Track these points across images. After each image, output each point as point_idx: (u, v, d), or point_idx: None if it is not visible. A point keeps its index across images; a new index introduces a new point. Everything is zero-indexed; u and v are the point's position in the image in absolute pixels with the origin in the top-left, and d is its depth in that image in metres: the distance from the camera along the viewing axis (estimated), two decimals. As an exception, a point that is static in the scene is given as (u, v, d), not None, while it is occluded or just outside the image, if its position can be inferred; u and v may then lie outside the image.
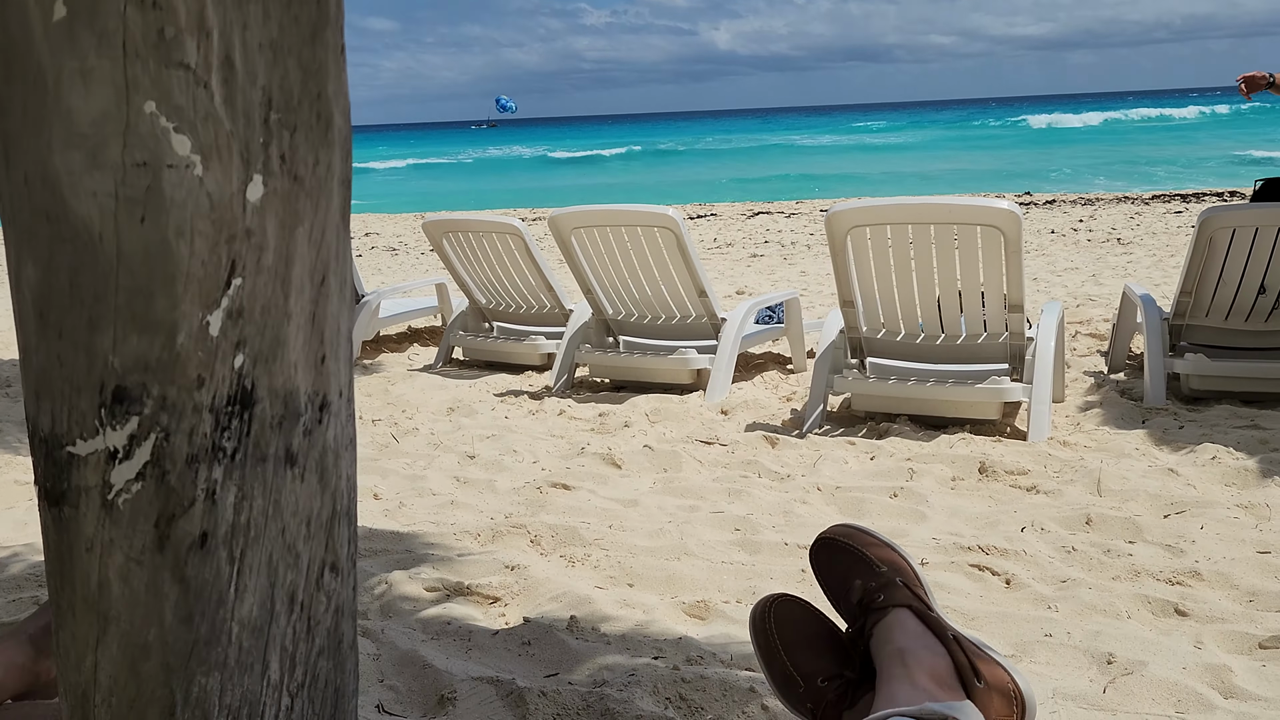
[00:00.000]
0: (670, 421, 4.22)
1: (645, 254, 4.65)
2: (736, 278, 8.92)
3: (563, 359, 5.01)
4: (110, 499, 0.82)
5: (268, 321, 0.85)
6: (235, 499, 0.85)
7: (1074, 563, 2.57)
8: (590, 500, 3.20)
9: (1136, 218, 12.30)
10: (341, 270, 0.93)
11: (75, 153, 0.77)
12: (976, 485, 3.23)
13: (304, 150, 0.86)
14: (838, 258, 3.89)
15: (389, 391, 4.96)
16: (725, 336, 4.68)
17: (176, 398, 0.81)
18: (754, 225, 13.99)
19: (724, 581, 2.54)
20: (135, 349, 0.80)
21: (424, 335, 6.61)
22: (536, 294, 5.41)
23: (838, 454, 3.61)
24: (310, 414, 0.90)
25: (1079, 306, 6.45)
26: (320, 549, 0.93)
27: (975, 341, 3.94)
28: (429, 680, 2.05)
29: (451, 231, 5.39)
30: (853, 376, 4.07)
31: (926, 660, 1.29)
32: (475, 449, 3.87)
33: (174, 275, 0.79)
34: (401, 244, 13.41)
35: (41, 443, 0.83)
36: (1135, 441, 3.56)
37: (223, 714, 0.87)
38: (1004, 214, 3.57)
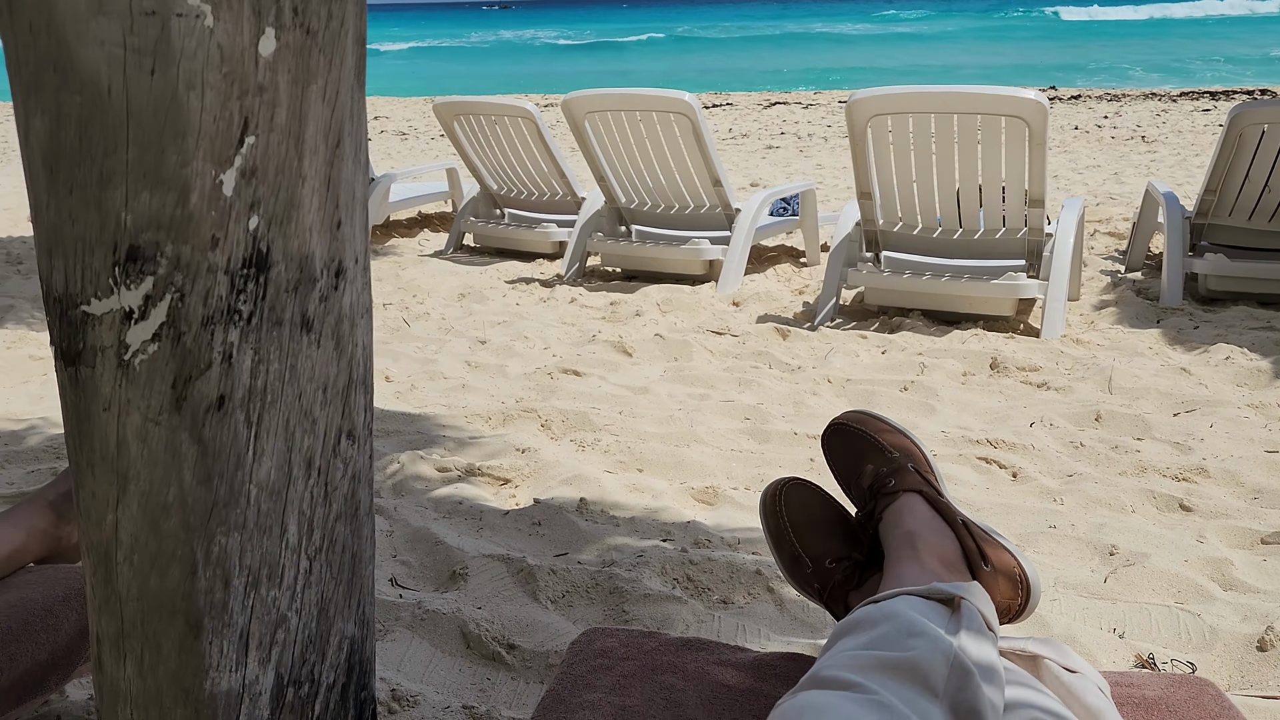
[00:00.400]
0: (681, 311, 4.20)
1: (660, 140, 4.56)
2: (751, 170, 8.78)
3: (574, 247, 4.97)
4: (127, 360, 0.81)
5: (282, 183, 0.83)
6: (252, 363, 0.84)
7: (1081, 458, 2.58)
8: (601, 387, 3.21)
9: (1163, 115, 12.00)
10: (356, 133, 0.90)
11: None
12: (987, 381, 3.23)
13: (317, 3, 0.82)
14: (857, 147, 3.81)
15: (400, 276, 4.95)
16: (739, 227, 4.63)
17: (191, 258, 0.80)
18: (770, 116, 13.71)
19: (732, 469, 2.57)
20: (148, 206, 0.78)
21: (434, 221, 6.55)
22: (549, 180, 5.34)
23: (849, 347, 3.61)
24: (326, 279, 0.89)
25: (1099, 205, 6.35)
26: (337, 416, 0.93)
27: (993, 236, 3.88)
28: (441, 557, 2.09)
29: (463, 114, 5.29)
30: (867, 270, 4.03)
31: (935, 543, 1.30)
32: (486, 334, 3.88)
33: (185, 130, 0.77)
34: (411, 128, 13.20)
35: (56, 302, 0.82)
36: (1149, 340, 3.55)
37: (243, 574, 0.88)
38: (1029, 104, 3.48)
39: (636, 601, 1.88)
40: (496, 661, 1.73)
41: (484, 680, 1.68)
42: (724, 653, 1.34)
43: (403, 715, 1.55)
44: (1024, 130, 3.52)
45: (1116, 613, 1.83)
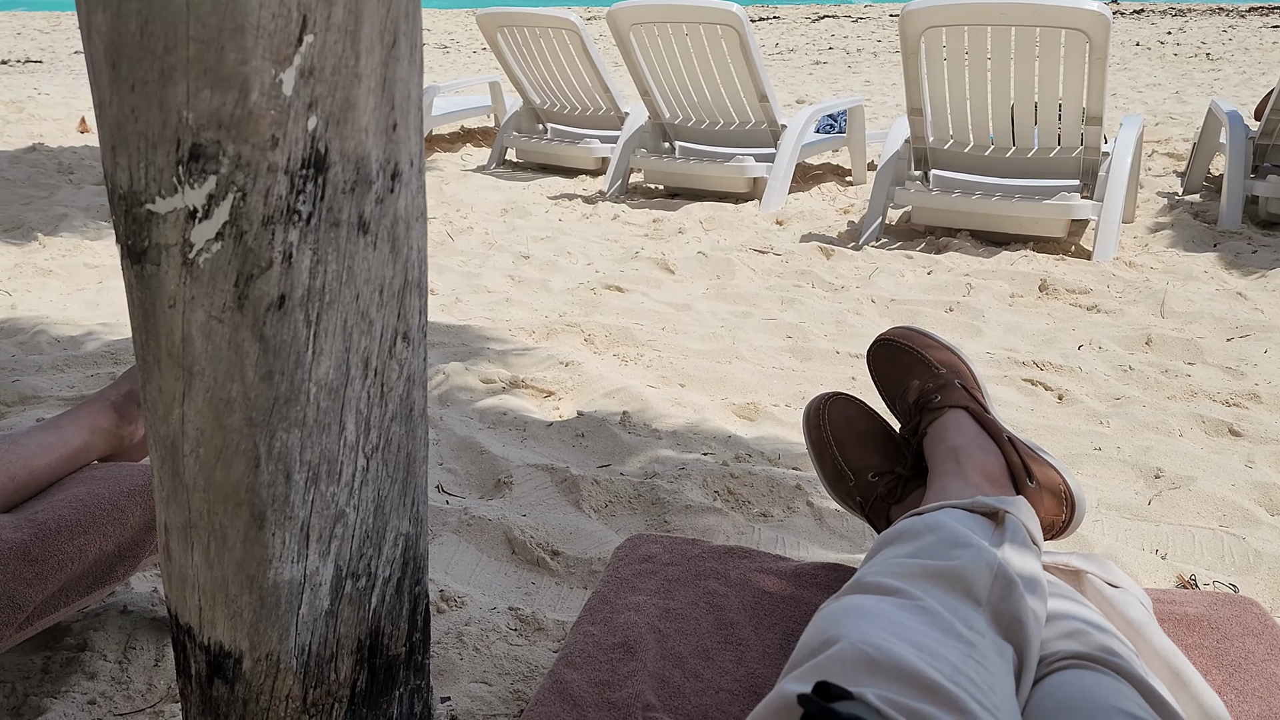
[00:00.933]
0: (724, 229, 4.17)
1: (706, 54, 4.48)
2: (797, 86, 8.60)
3: (617, 163, 4.93)
4: (191, 258, 0.83)
5: (338, 82, 0.83)
6: (311, 263, 0.86)
7: (1130, 381, 2.56)
8: (643, 303, 3.22)
9: (1230, 31, 11.54)
10: (412, 32, 0.90)
11: (139, -111, 0.73)
12: (1036, 302, 3.19)
13: (373, -103, 0.81)
14: (909, 60, 3.71)
15: (443, 191, 4.94)
16: (784, 144, 4.56)
17: (251, 157, 0.80)
18: (818, 30, 13.36)
19: (774, 385, 2.57)
20: (209, 104, 0.78)
21: (477, 135, 6.52)
22: (592, 95, 5.27)
23: (894, 267, 3.57)
24: (382, 181, 0.89)
25: (1158, 125, 6.16)
26: (393, 317, 0.95)
27: (1047, 155, 3.79)
28: (486, 465, 2.13)
29: (506, 26, 5.21)
30: (915, 188, 3.96)
31: (980, 458, 1.31)
32: (529, 249, 3.88)
33: (243, 27, 0.77)
34: (453, 41, 13.04)
35: (120, 200, 0.84)
36: (1204, 264, 3.47)
37: (303, 469, 0.91)
38: (1092, 15, 3.36)
39: (678, 512, 1.91)
40: (540, 566, 1.77)
41: (529, 584, 1.73)
42: (765, 561, 1.36)
43: (451, 614, 1.60)
44: (1084, 44, 3.41)
45: (1159, 534, 1.83)
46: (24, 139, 6.23)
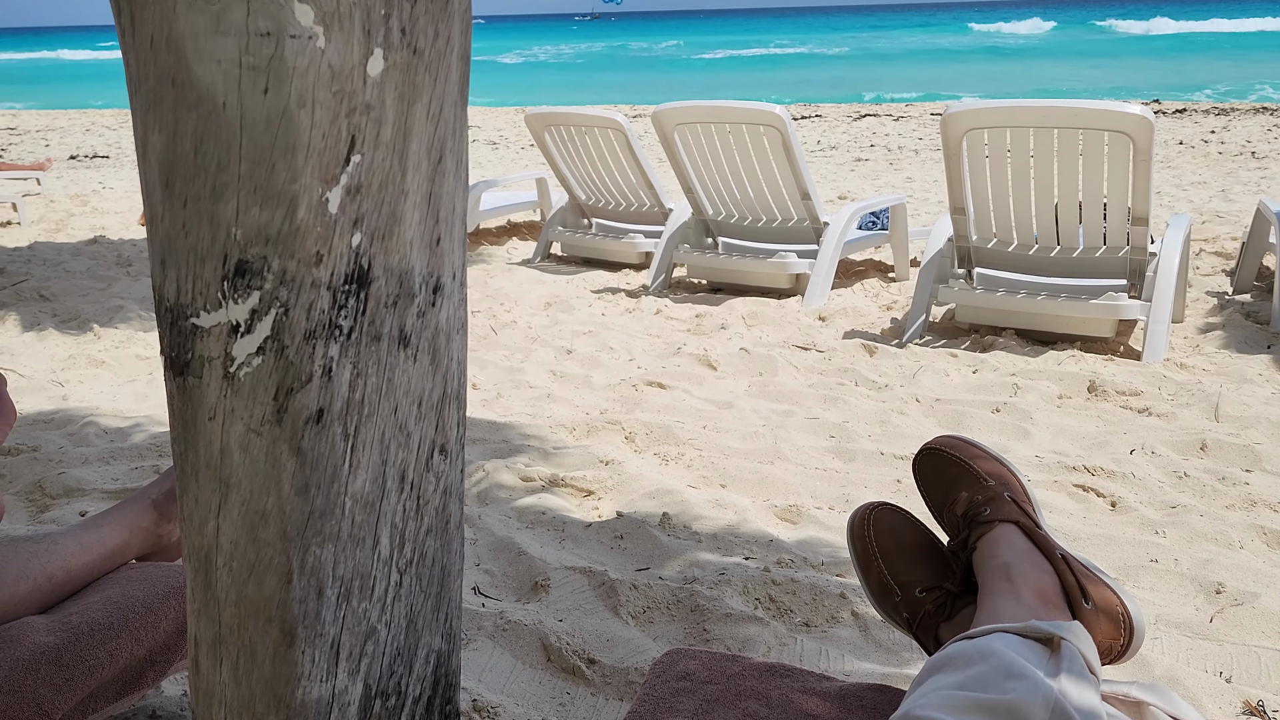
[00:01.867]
0: (767, 325, 4.17)
1: (749, 153, 4.54)
2: (840, 182, 8.69)
3: (661, 258, 4.97)
4: (232, 371, 0.83)
5: (385, 198, 0.84)
6: (351, 376, 0.85)
7: (1185, 488, 2.48)
8: (685, 400, 3.20)
9: (1275, 130, 11.52)
10: (458, 148, 0.91)
11: (199, 16, 0.76)
12: (1085, 404, 3.13)
13: (424, 22, 0.83)
14: (952, 161, 3.73)
15: (488, 284, 5.01)
16: (827, 241, 4.58)
17: (296, 272, 0.81)
18: (860, 128, 13.55)
19: (817, 487, 2.53)
20: (257, 220, 0.79)
21: (523, 229, 6.63)
22: (636, 191, 5.36)
23: (938, 365, 3.53)
24: (424, 295, 0.89)
25: (1205, 223, 6.11)
26: (431, 430, 0.94)
27: (1093, 255, 3.76)
28: (523, 567, 2.10)
29: (554, 125, 5.34)
30: (959, 286, 3.94)
31: (1033, 577, 1.26)
32: (572, 344, 3.90)
33: (295, 146, 0.78)
34: (502, 137, 13.40)
35: (167, 312, 0.85)
36: (1259, 367, 3.39)
37: (336, 585, 0.89)
38: (1135, 119, 3.36)
39: (718, 620, 1.86)
40: (576, 675, 1.72)
41: (564, 694, 1.68)
42: (809, 680, 1.31)
43: (483, 725, 1.56)
44: (1128, 146, 3.40)
45: (1223, 655, 1.74)
46: (86, 231, 6.45)
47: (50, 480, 2.47)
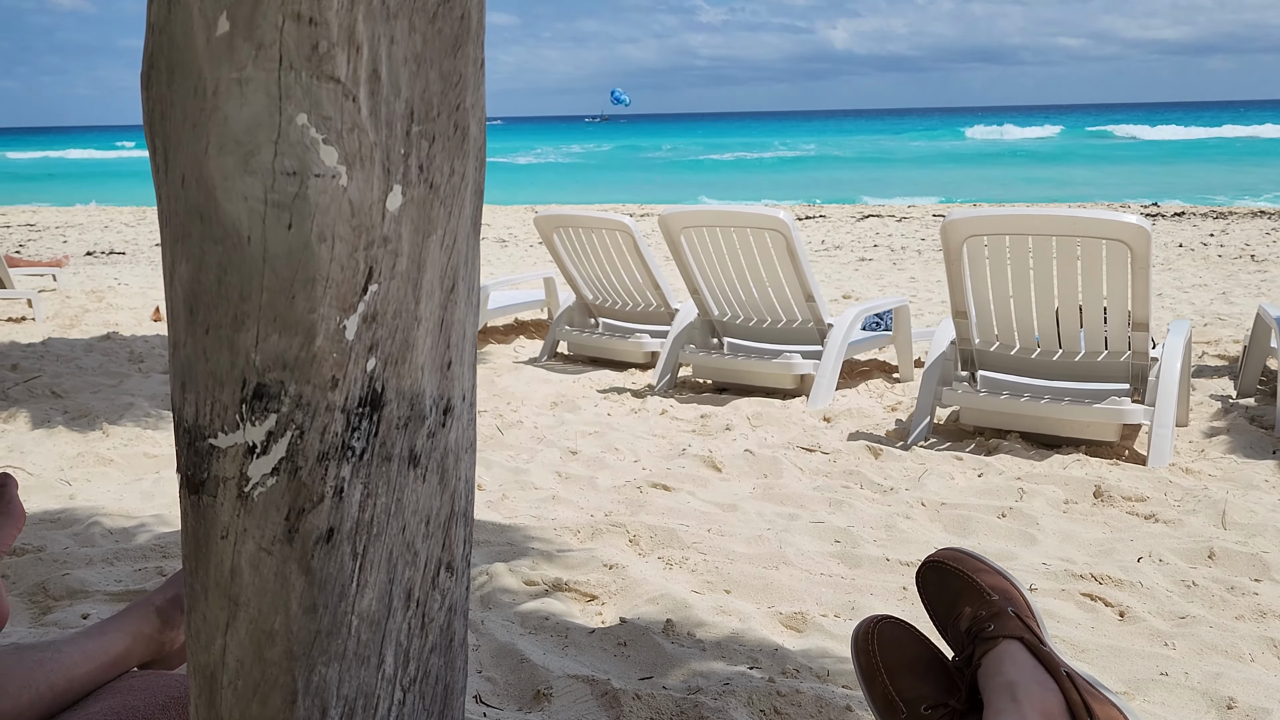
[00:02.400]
0: (772, 426, 4.19)
1: (754, 256, 4.63)
2: (844, 282, 8.80)
3: (666, 358, 5.02)
4: (246, 491, 0.85)
5: (399, 325, 0.87)
6: (361, 496, 0.88)
7: (1194, 598, 2.46)
8: (690, 502, 3.20)
9: (1274, 233, 11.68)
10: (470, 276, 0.95)
11: (229, 158, 0.80)
12: (1091, 510, 3.12)
13: (441, 160, 0.88)
14: (952, 267, 3.79)
15: (494, 383, 5.05)
16: (831, 342, 4.63)
17: (312, 397, 0.84)
18: (863, 228, 13.78)
19: (822, 594, 2.51)
20: (276, 347, 0.83)
21: (530, 328, 6.71)
22: (643, 291, 5.44)
23: (944, 468, 3.53)
24: (434, 417, 0.92)
25: (1206, 326, 6.17)
26: (437, 548, 0.95)
27: (1095, 359, 3.80)
28: (526, 675, 2.08)
29: (562, 226, 5.46)
30: (962, 389, 3.97)
31: (1038, 695, 1.25)
32: (577, 445, 3.92)
33: (314, 278, 0.82)
34: (511, 235, 13.63)
35: (185, 433, 0.87)
36: (1265, 472, 3.39)
37: (340, 704, 0.90)
38: (1132, 228, 3.43)
39: (722, 733, 1.84)
40: (578, 790, 1.69)
41: (565, 809, 1.65)
42: (814, 800, 1.29)
43: (482, 843, 1.53)
44: (1126, 254, 3.47)
45: (1236, 774, 1.71)
46: (100, 327, 6.54)
47: (54, 582, 2.47)
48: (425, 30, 0.84)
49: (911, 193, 21.93)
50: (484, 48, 0.91)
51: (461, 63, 0.88)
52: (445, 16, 0.86)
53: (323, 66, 0.79)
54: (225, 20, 0.78)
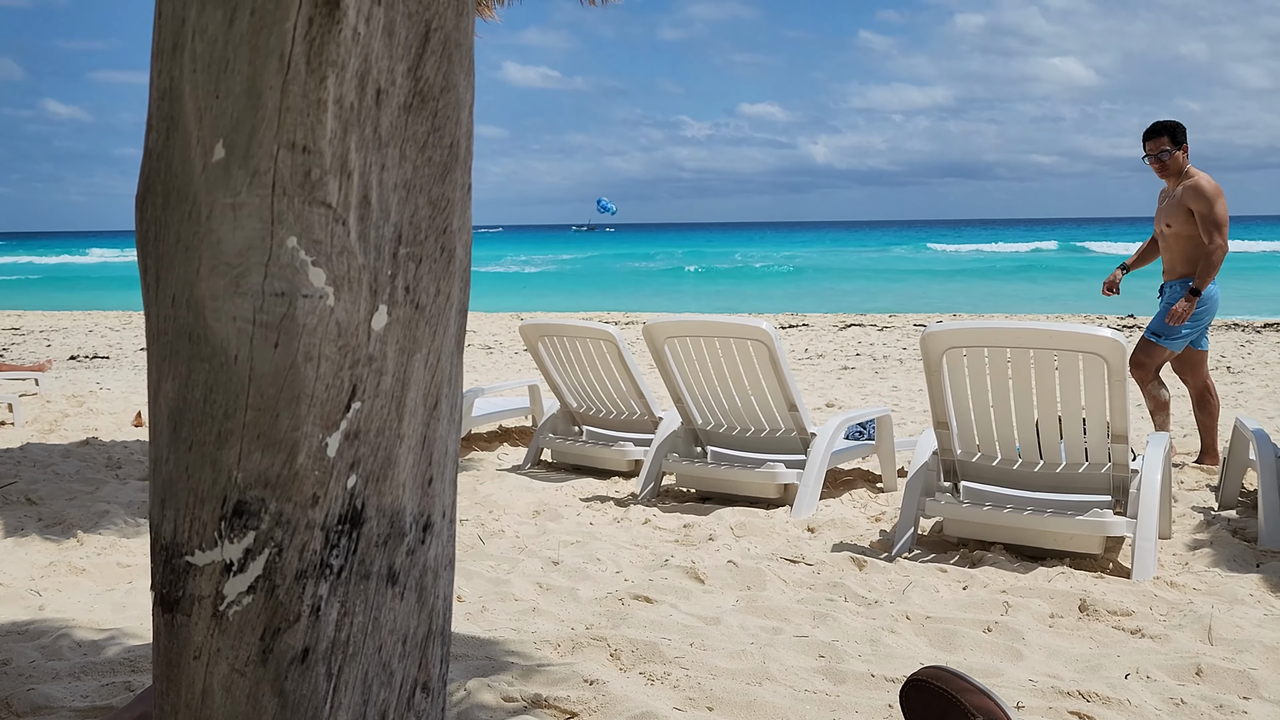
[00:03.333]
0: (755, 536, 4.16)
1: (737, 365, 4.67)
2: (827, 390, 8.86)
3: (650, 467, 5.01)
4: (221, 609, 0.85)
5: (381, 443, 0.88)
6: (338, 615, 0.87)
7: (1183, 716, 2.42)
8: (672, 615, 3.16)
9: (1248, 345, 11.88)
10: (453, 394, 0.96)
11: (220, 279, 0.82)
12: (1076, 624, 3.09)
13: (427, 281, 0.90)
14: (933, 378, 3.84)
15: (477, 491, 5.02)
16: (814, 452, 4.63)
17: (292, 514, 0.84)
18: (846, 337, 13.94)
19: (806, 711, 2.46)
20: (258, 465, 0.83)
21: (514, 435, 6.69)
22: (627, 400, 5.46)
23: (928, 581, 3.50)
24: (414, 534, 0.92)
25: (1186, 436, 6.21)
26: (414, 668, 0.94)
27: (1076, 471, 3.81)
28: (503, 796, 2.02)
29: (547, 335, 5.50)
30: (945, 500, 3.97)
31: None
32: (559, 555, 3.87)
33: (299, 397, 0.83)
34: (497, 342, 13.71)
35: (162, 550, 0.87)
36: (1249, 586, 3.38)
37: (309, 831, 0.87)
38: (1106, 342, 3.49)
39: None
40: None
41: None
42: None
43: None
44: (1102, 367, 3.52)
45: None
46: (80, 432, 6.49)
47: (18, 697, 2.39)
48: (416, 158, 0.87)
49: (893, 302, 22.28)
50: (471, 173, 0.94)
51: (450, 188, 0.91)
52: (435, 145, 0.89)
53: (315, 192, 0.81)
54: (222, 148, 0.81)
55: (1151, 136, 5.36)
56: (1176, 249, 5.35)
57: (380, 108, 0.83)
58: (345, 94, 0.81)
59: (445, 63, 0.87)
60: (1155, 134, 5.35)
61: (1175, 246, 5.35)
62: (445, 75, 0.87)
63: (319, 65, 0.80)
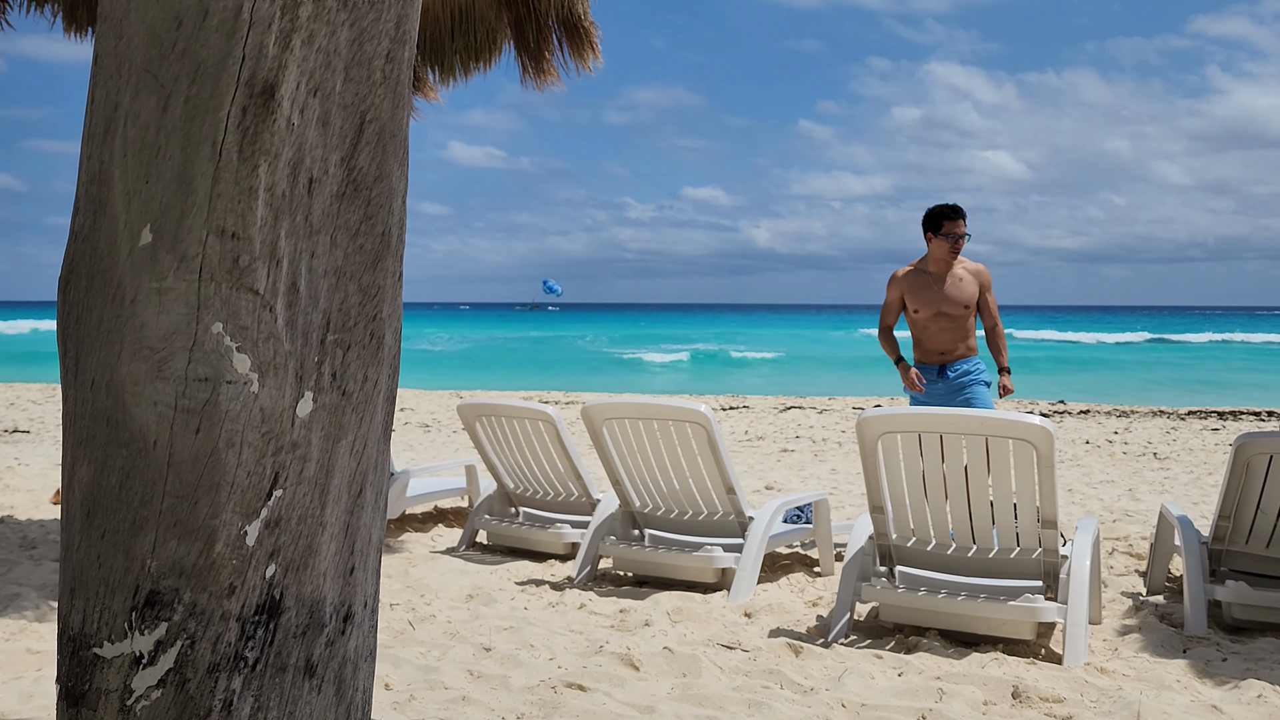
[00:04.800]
0: (692, 622, 4.12)
1: (675, 448, 4.67)
2: (766, 472, 8.89)
3: (587, 550, 4.96)
4: (129, 704, 0.81)
5: (303, 531, 0.87)
6: (251, 710, 0.84)
7: (1114, 806, 2.42)
8: (605, 704, 3.10)
9: (1173, 432, 12.22)
10: (379, 480, 0.95)
11: (142, 364, 0.81)
12: (1010, 711, 3.10)
13: (355, 367, 0.90)
14: (868, 462, 3.88)
15: (409, 574, 4.91)
16: (752, 536, 4.63)
17: (206, 605, 0.82)
18: (786, 419, 14.05)
19: (742, 803, 2.41)
20: (173, 554, 0.81)
21: (449, 516, 6.59)
22: (565, 481, 5.42)
23: (864, 667, 3.49)
24: (334, 624, 0.90)
25: (1115, 522, 6.34)
26: (330, 765, 0.91)
27: (1008, 556, 3.86)
28: None
29: (485, 415, 5.47)
30: (881, 585, 3.98)
31: None
32: (492, 640, 3.79)
33: (219, 484, 0.82)
34: (435, 421, 13.58)
35: (69, 641, 0.84)
36: (1176, 673, 3.42)
37: None
38: (1036, 429, 3.58)
39: None
40: None
41: None
42: None
43: None
44: (1032, 454, 3.60)
45: None
46: (-5, 509, 6.24)
47: (-92, 795, 2.25)
48: (347, 246, 0.88)
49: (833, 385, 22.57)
50: (403, 261, 0.95)
51: (381, 276, 0.91)
52: (367, 233, 0.90)
53: (243, 279, 0.81)
54: (149, 232, 0.81)
55: (963, 216, 5.40)
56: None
57: (312, 196, 0.84)
58: (277, 182, 0.82)
59: (379, 153, 0.88)
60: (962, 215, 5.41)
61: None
62: (379, 165, 0.88)
63: (252, 154, 0.80)
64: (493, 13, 5.30)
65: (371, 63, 0.86)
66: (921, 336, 5.49)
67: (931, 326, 5.42)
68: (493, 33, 5.34)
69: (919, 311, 5.43)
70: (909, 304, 5.47)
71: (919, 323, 5.46)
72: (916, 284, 5.45)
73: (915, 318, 5.47)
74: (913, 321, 5.50)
